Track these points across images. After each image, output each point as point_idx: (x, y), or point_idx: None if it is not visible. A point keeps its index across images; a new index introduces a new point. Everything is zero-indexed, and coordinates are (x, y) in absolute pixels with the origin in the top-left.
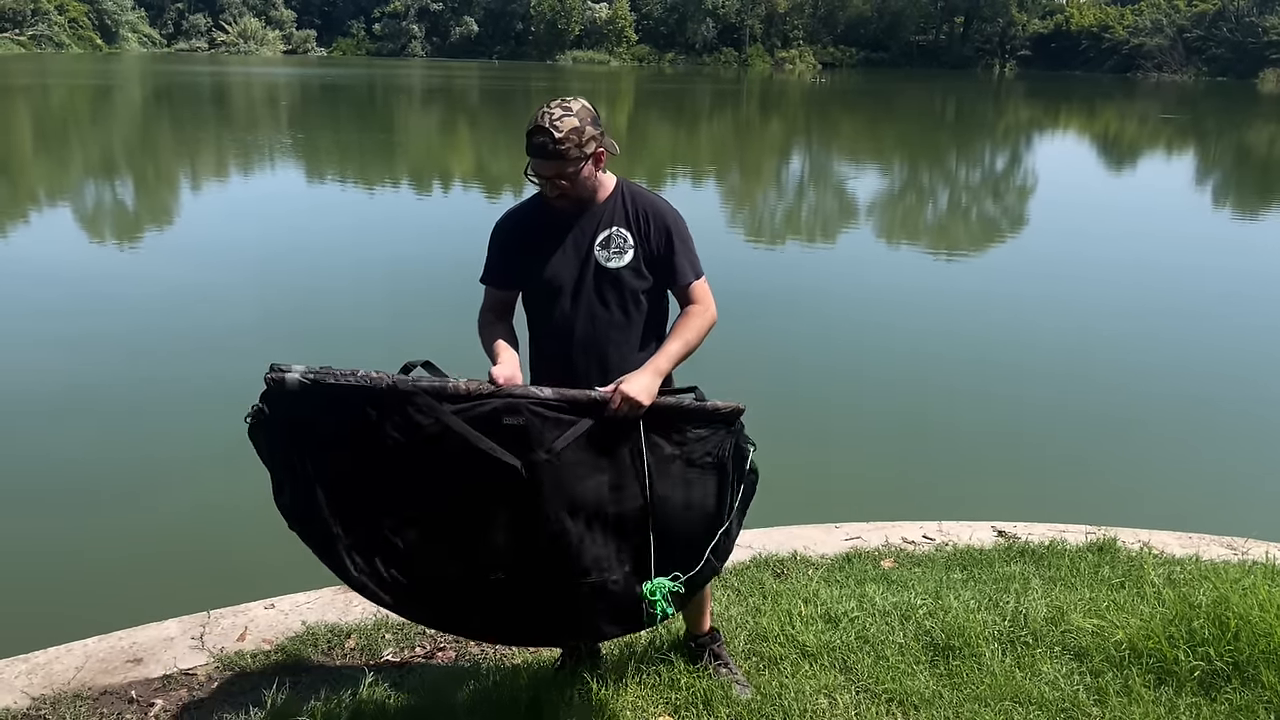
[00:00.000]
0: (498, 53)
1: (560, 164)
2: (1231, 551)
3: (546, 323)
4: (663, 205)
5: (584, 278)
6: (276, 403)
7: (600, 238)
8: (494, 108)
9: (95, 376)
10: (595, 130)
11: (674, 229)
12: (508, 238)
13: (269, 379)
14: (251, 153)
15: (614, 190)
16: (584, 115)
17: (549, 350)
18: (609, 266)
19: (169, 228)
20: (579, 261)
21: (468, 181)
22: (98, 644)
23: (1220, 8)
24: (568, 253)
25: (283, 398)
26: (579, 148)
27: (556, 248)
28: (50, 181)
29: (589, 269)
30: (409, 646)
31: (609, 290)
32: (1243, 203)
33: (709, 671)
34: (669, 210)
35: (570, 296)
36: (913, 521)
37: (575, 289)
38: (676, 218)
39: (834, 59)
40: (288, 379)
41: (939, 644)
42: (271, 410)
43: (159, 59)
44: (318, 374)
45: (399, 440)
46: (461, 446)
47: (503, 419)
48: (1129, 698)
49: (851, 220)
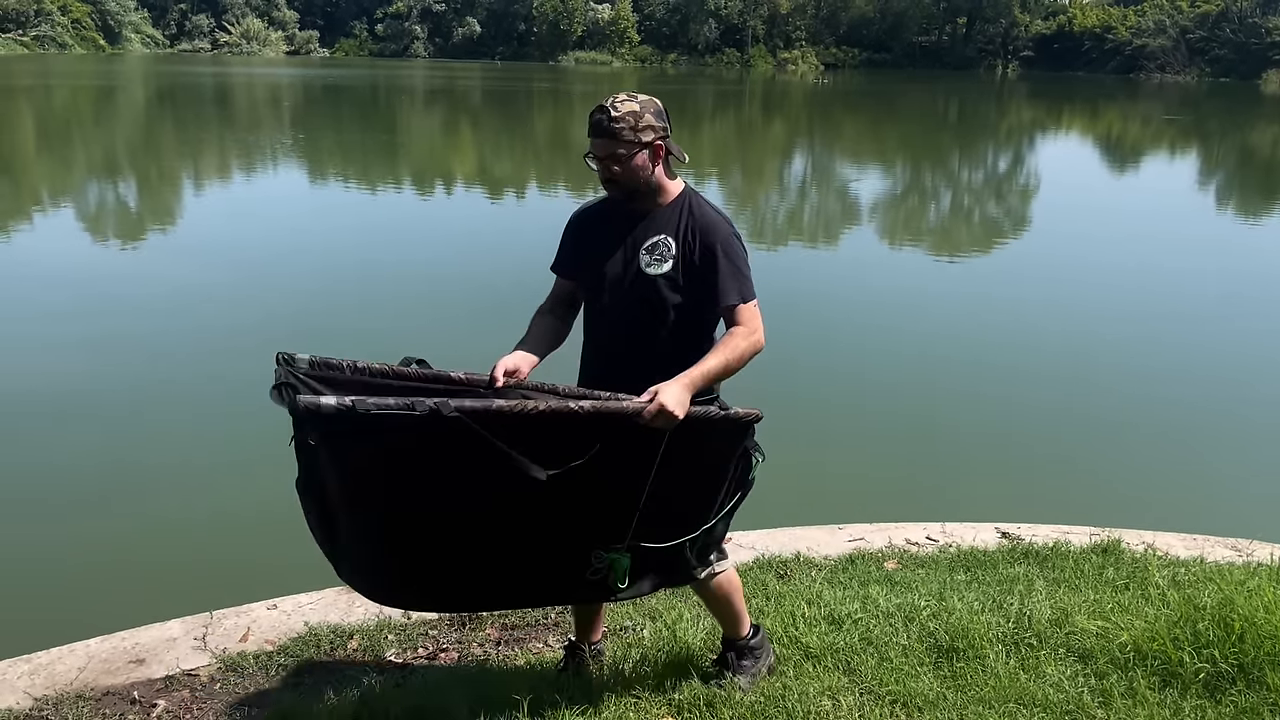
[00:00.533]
0: (500, 53)
1: (612, 143)
2: (1236, 553)
3: (589, 316)
4: (715, 222)
5: (625, 279)
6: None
7: (648, 243)
8: (496, 109)
9: (99, 378)
10: (657, 123)
11: (721, 248)
12: (576, 230)
13: (302, 407)
14: (254, 153)
15: (678, 198)
16: (647, 105)
17: (589, 343)
18: (648, 272)
19: (172, 228)
20: (625, 263)
21: (470, 182)
22: (100, 644)
23: (1223, 9)
24: (619, 253)
25: (318, 419)
26: (634, 131)
27: (611, 246)
28: (54, 182)
29: (631, 271)
30: (411, 647)
31: (643, 296)
32: (1245, 205)
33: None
34: (721, 229)
35: (610, 295)
36: (916, 523)
37: (615, 289)
38: (728, 238)
39: (836, 60)
40: (323, 406)
41: (943, 646)
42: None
43: (162, 60)
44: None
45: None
46: (487, 456)
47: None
48: (1134, 700)
49: (853, 222)
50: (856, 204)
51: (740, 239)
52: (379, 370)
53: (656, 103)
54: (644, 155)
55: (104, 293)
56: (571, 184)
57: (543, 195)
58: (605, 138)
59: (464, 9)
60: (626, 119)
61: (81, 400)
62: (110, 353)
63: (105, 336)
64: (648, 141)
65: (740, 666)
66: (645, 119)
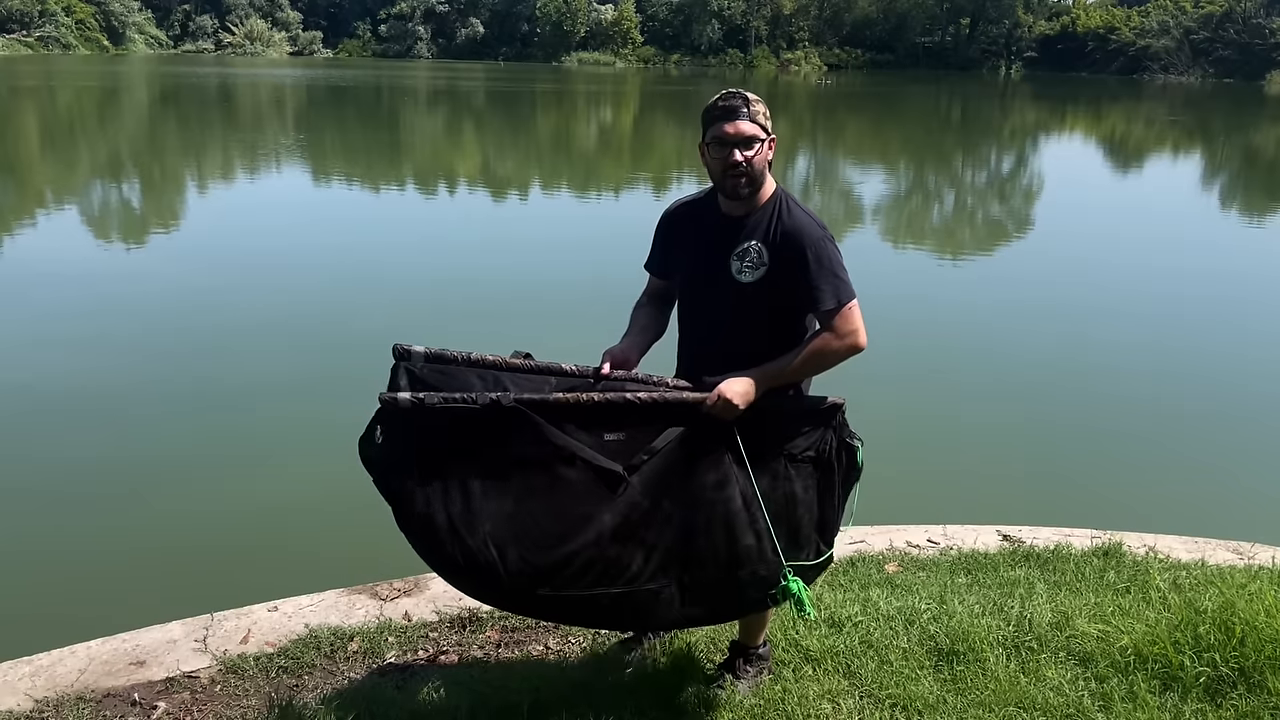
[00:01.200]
0: (503, 54)
1: (751, 125)
2: (1238, 556)
3: (681, 318)
4: (806, 226)
5: (715, 283)
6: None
7: (739, 248)
8: (501, 109)
9: (100, 378)
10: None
11: (812, 252)
12: (668, 229)
13: (384, 399)
14: (258, 154)
15: (769, 200)
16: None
17: (682, 345)
18: (739, 280)
19: (175, 229)
20: (715, 267)
21: (474, 182)
22: (101, 646)
23: (1227, 9)
24: (709, 255)
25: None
26: (767, 119)
27: (702, 248)
28: (58, 182)
29: (721, 276)
30: (412, 650)
31: (734, 302)
32: (1249, 207)
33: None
34: (811, 233)
35: (700, 298)
36: (917, 525)
37: (705, 292)
38: (818, 241)
39: (839, 60)
40: (400, 400)
41: (943, 649)
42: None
43: (166, 60)
44: (423, 398)
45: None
46: (562, 454)
47: (604, 435)
48: (1134, 704)
49: (856, 222)
50: (859, 205)
51: (833, 241)
52: (491, 362)
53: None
54: (766, 152)
55: (106, 292)
56: (574, 186)
57: (573, 196)
58: (744, 120)
59: (467, 10)
60: (761, 109)
61: (84, 400)
62: (112, 352)
63: (108, 336)
64: (770, 136)
65: (744, 672)
66: (768, 115)
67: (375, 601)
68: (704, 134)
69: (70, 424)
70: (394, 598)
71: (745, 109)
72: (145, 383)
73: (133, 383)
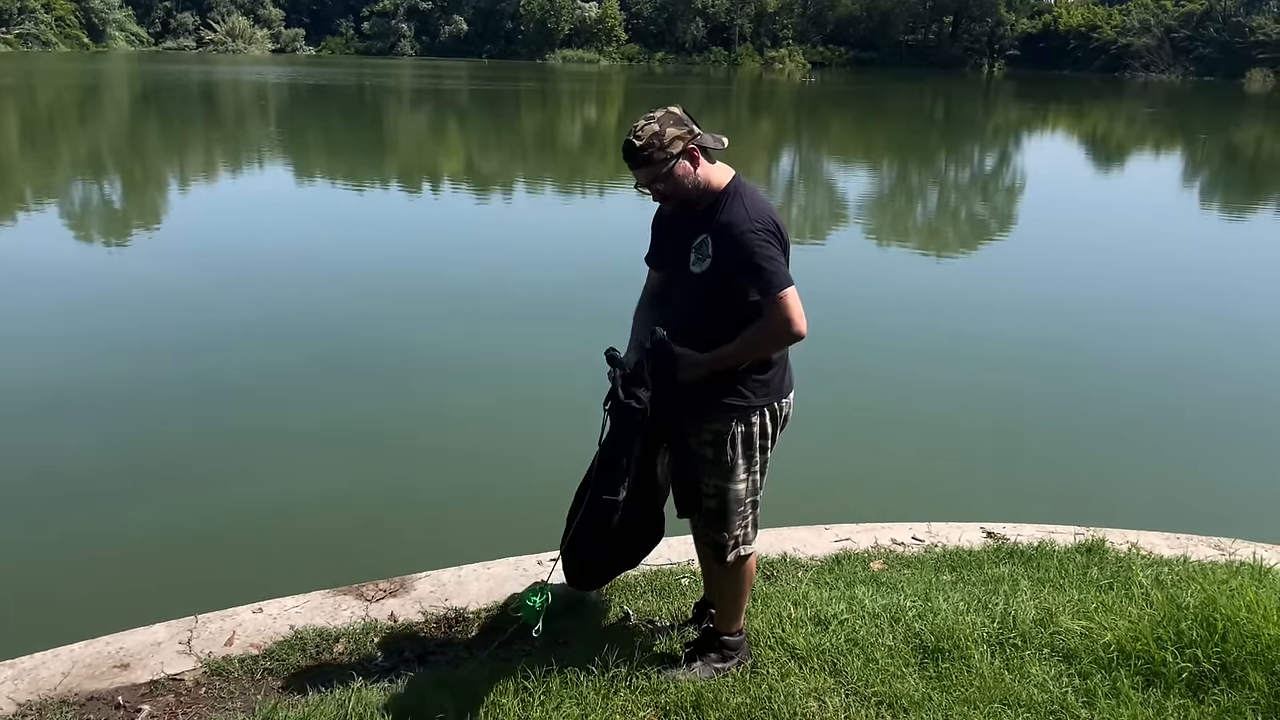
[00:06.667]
0: (487, 51)
1: (647, 169)
2: (1219, 552)
3: (663, 303)
4: (737, 219)
5: (680, 275)
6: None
7: (697, 240)
8: (485, 109)
9: (83, 378)
10: (679, 130)
11: (739, 245)
12: (657, 223)
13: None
14: (240, 153)
15: (724, 191)
16: (664, 120)
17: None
18: (693, 270)
19: (156, 227)
20: (680, 259)
21: (457, 181)
22: (84, 649)
23: (1207, 8)
24: (678, 249)
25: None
26: (661, 149)
27: (675, 242)
28: (38, 181)
29: (683, 268)
30: (397, 651)
31: (691, 291)
32: (1230, 201)
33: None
34: (739, 225)
35: (675, 290)
36: (902, 523)
37: (679, 285)
38: (744, 234)
39: (823, 58)
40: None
41: (928, 646)
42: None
43: (146, 58)
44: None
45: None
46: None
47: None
48: (1117, 700)
49: (840, 219)
50: (843, 202)
51: (763, 231)
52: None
53: (673, 111)
54: (681, 164)
55: (87, 290)
56: (558, 181)
57: (559, 194)
58: (639, 166)
59: (451, 7)
60: (651, 142)
61: (67, 400)
62: (97, 352)
63: (91, 336)
64: (678, 152)
65: (707, 658)
66: (667, 133)
67: (361, 602)
68: None
69: (50, 426)
70: (379, 599)
71: (634, 156)
72: (126, 384)
73: (114, 384)
